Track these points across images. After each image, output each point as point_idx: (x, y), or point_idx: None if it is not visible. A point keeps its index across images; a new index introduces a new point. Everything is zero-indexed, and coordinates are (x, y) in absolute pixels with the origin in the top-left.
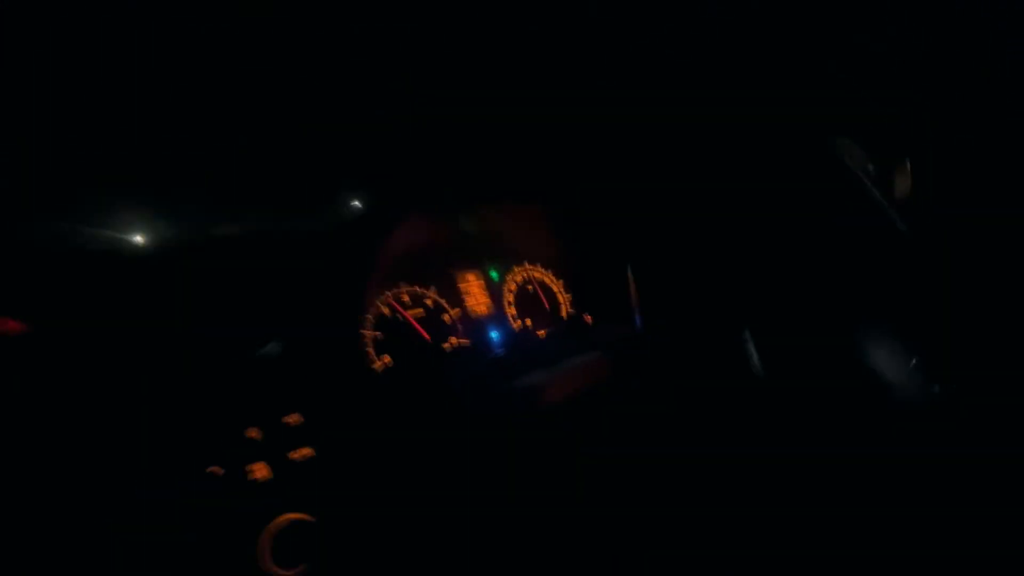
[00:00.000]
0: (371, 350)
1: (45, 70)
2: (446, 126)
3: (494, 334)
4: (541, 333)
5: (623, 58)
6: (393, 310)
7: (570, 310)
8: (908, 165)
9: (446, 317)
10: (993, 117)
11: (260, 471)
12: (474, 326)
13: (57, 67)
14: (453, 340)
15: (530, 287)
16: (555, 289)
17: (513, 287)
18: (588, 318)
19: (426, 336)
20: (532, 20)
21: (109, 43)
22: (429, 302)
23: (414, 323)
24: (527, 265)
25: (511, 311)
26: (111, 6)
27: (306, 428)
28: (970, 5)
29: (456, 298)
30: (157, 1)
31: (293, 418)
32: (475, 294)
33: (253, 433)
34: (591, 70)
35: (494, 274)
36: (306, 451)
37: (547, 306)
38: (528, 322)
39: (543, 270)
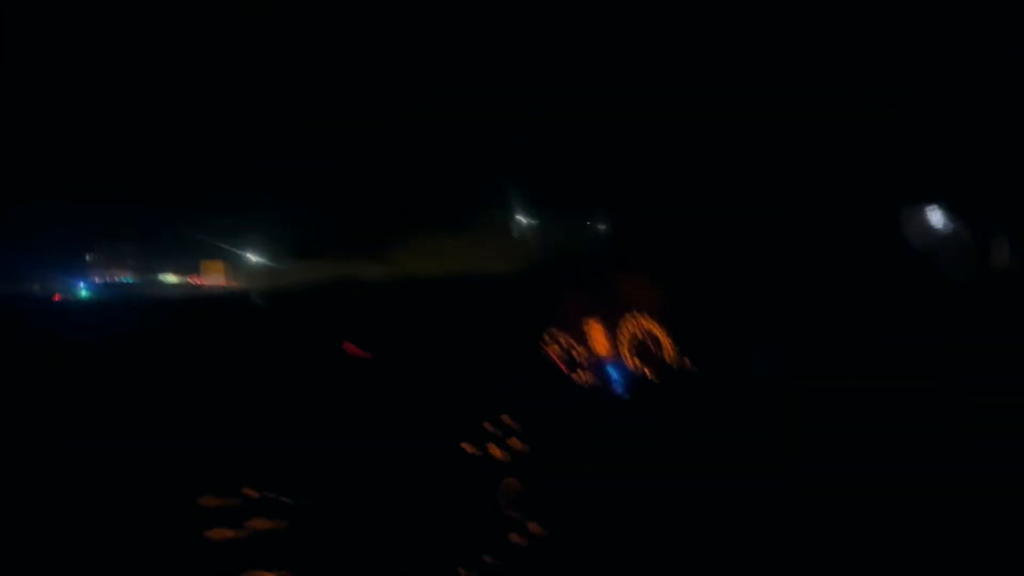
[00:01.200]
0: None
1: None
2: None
3: (613, 371)
4: (648, 371)
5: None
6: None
7: (673, 355)
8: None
9: (575, 353)
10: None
11: (496, 452)
12: (598, 363)
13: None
14: (581, 373)
15: (640, 334)
16: (660, 337)
17: (627, 334)
18: (688, 362)
19: (563, 368)
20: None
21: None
22: (563, 340)
23: (554, 357)
24: (636, 314)
25: (626, 353)
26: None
27: (519, 428)
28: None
29: (583, 340)
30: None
31: (506, 418)
32: (598, 338)
33: (488, 426)
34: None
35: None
36: (519, 445)
37: (655, 351)
38: (638, 362)
39: (650, 320)
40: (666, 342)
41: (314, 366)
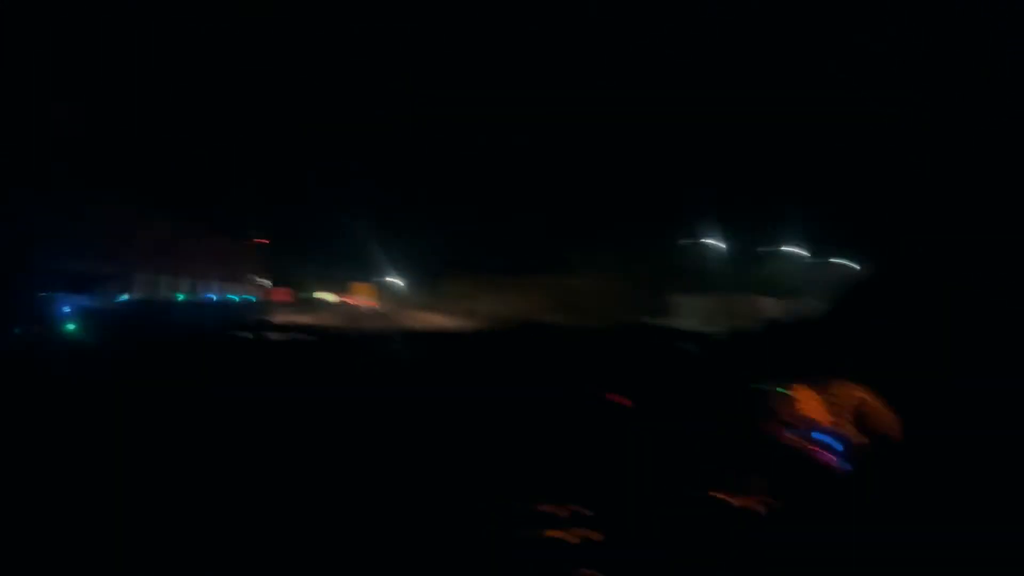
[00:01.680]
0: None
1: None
2: None
3: (830, 440)
4: (864, 439)
5: None
6: None
7: (889, 424)
8: None
9: (788, 417)
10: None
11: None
12: (813, 430)
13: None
14: (790, 437)
15: (855, 403)
16: (875, 405)
17: (841, 402)
18: (896, 432)
19: (772, 432)
20: None
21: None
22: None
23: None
24: (848, 383)
25: (842, 422)
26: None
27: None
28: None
29: (795, 406)
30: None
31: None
32: (812, 405)
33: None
34: None
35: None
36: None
37: (870, 420)
38: (855, 431)
39: (863, 389)
40: (887, 414)
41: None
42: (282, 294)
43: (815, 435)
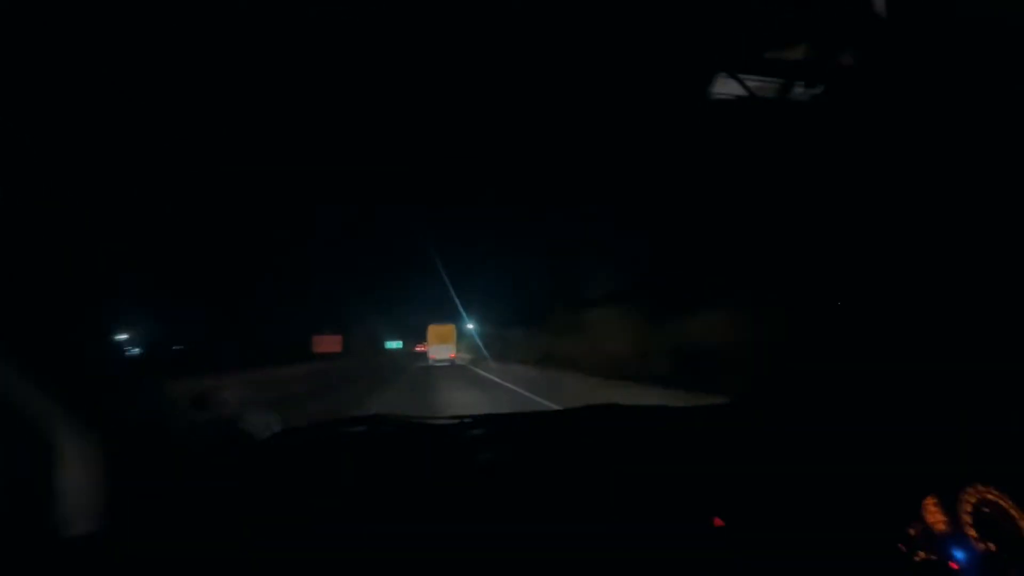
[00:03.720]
0: None
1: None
2: None
3: (958, 554)
4: (991, 547)
5: None
6: None
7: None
8: None
9: (912, 531)
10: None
11: None
12: (935, 542)
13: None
14: (921, 554)
15: (987, 509)
16: (1015, 515)
17: (968, 507)
18: None
19: (902, 547)
20: None
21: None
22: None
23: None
24: (980, 487)
25: (971, 532)
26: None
27: None
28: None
29: (917, 515)
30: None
31: None
32: (932, 511)
33: None
34: None
35: None
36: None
37: (1009, 530)
38: (993, 547)
39: (998, 493)
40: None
41: None
42: (328, 343)
43: (954, 552)
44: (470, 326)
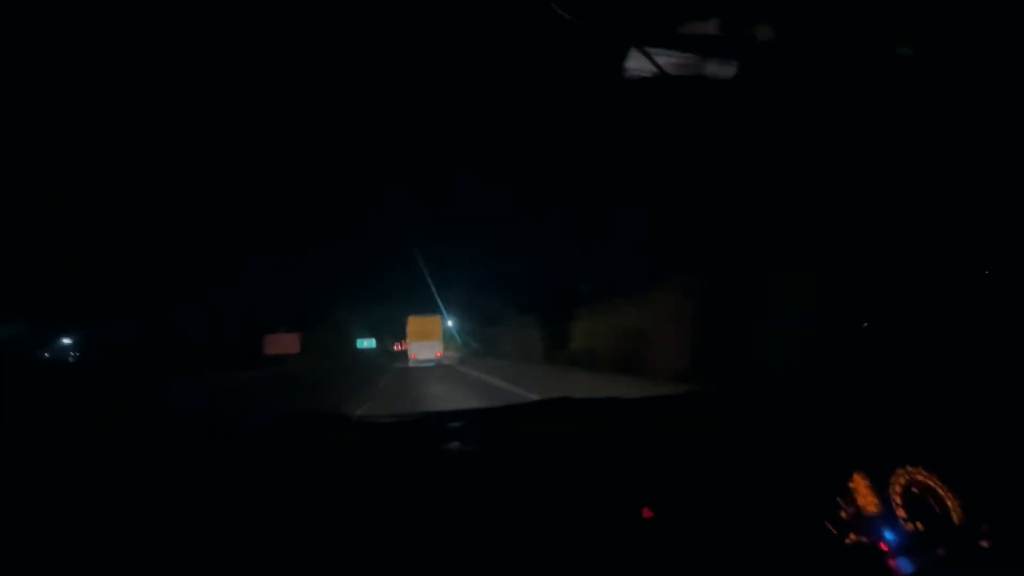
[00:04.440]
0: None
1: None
2: None
3: (888, 535)
4: (919, 527)
5: None
6: None
7: (963, 518)
8: None
9: (843, 514)
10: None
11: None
12: (867, 524)
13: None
14: (852, 536)
15: (915, 490)
16: (942, 495)
17: (898, 488)
18: (986, 529)
19: (832, 529)
20: None
21: None
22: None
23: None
24: (909, 468)
25: (900, 513)
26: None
27: None
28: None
29: (848, 497)
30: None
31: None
32: (863, 493)
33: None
34: None
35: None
36: None
37: (937, 510)
38: (921, 526)
39: (926, 473)
40: (952, 502)
41: None
42: (282, 342)
43: (884, 533)
44: (449, 323)
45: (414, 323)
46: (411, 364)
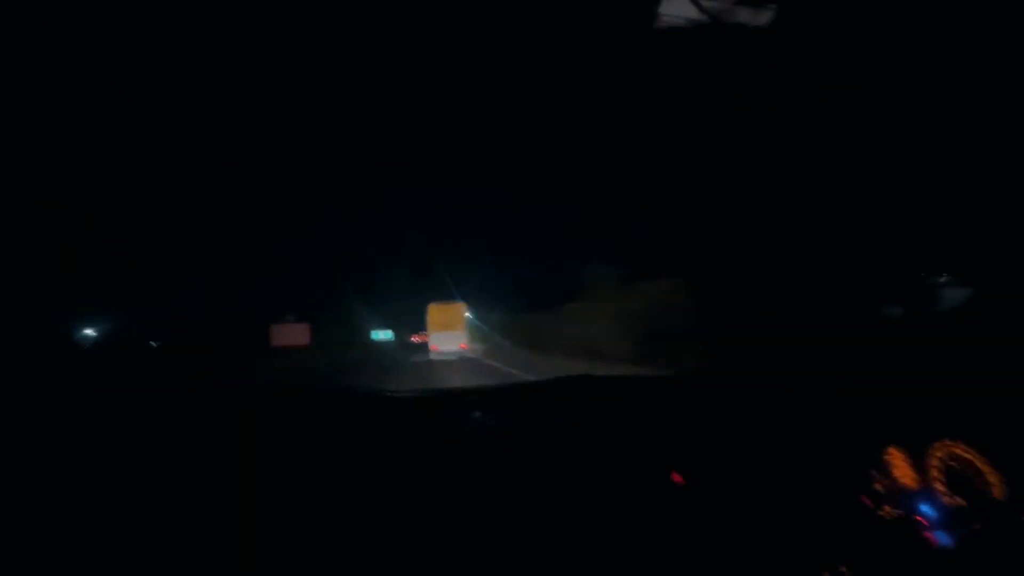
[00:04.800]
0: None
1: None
2: None
3: (926, 508)
4: (961, 502)
5: None
6: None
7: (1006, 493)
8: None
9: (878, 486)
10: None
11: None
12: (902, 497)
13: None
14: (887, 509)
15: (954, 464)
16: (982, 469)
17: (937, 462)
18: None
19: (867, 502)
20: None
21: None
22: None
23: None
24: (948, 442)
25: (939, 488)
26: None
27: None
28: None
29: (883, 470)
30: None
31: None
32: (900, 466)
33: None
34: None
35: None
36: None
37: (977, 486)
38: (961, 501)
39: (966, 447)
40: (994, 476)
41: None
42: (291, 333)
43: (921, 507)
44: (468, 315)
45: (435, 312)
46: (432, 357)
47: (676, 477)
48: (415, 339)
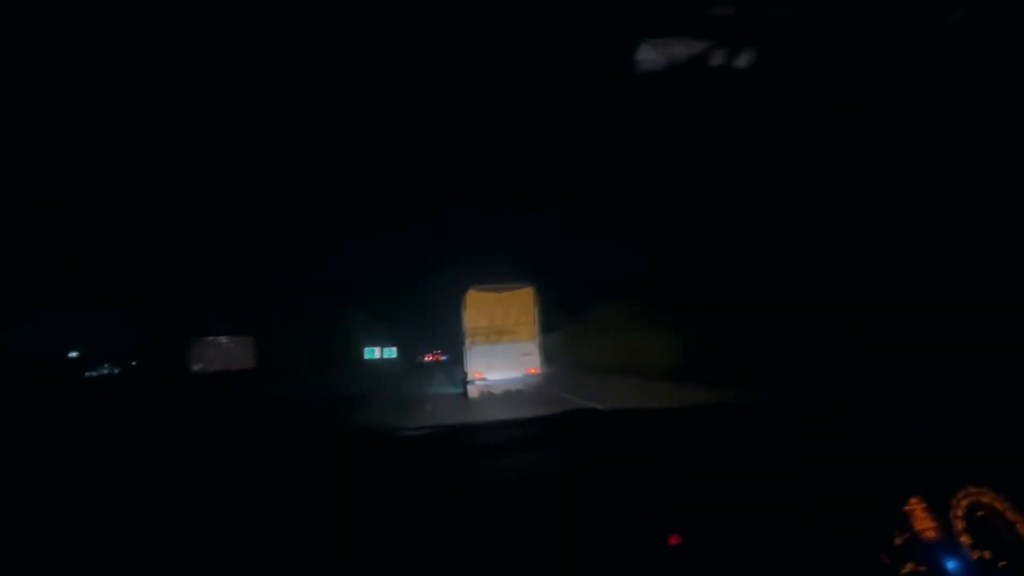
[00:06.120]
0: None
1: None
2: None
3: (950, 563)
4: (1003, 564)
5: None
6: None
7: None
8: None
9: (897, 540)
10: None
11: None
12: (926, 552)
13: None
14: (910, 565)
15: (980, 513)
16: (1012, 518)
17: (960, 512)
18: None
19: (884, 559)
20: None
21: None
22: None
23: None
24: (971, 488)
25: (964, 540)
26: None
27: None
28: None
29: (903, 522)
30: None
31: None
32: (921, 517)
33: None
34: None
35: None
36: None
37: (1005, 536)
38: (988, 554)
39: (993, 494)
40: (1014, 516)
41: None
42: (222, 353)
43: (945, 561)
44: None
45: (480, 303)
46: (473, 392)
47: (674, 540)
48: (428, 358)
